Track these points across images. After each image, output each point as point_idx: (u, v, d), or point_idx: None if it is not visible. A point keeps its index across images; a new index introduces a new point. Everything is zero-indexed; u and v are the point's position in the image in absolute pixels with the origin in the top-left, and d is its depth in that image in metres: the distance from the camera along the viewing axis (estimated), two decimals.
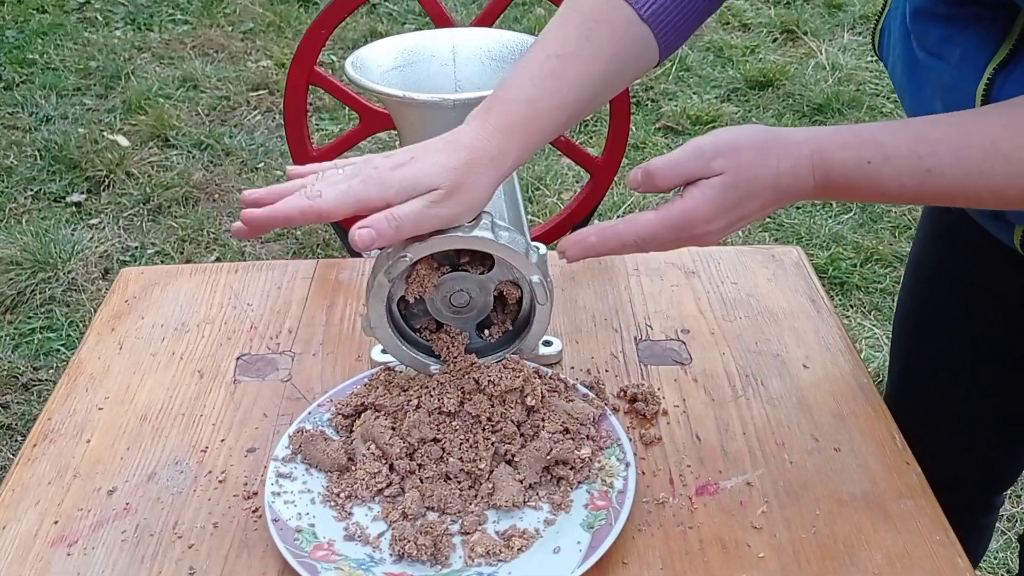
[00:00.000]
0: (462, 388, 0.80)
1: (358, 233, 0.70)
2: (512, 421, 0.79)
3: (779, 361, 0.96)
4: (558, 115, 0.76)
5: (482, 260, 0.81)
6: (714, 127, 3.08)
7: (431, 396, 0.80)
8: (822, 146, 0.69)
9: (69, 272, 2.49)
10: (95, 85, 3.39)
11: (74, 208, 2.78)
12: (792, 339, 0.99)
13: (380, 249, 0.75)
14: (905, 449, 0.86)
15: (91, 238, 2.63)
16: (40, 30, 3.73)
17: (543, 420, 0.81)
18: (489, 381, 0.79)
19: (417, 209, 0.71)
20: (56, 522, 0.79)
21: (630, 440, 0.83)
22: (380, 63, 0.95)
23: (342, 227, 1.18)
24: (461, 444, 0.78)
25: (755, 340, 0.99)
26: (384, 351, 0.95)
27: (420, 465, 0.79)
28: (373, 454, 0.79)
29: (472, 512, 0.76)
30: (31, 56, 3.54)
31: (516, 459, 0.78)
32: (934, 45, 0.80)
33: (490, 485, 0.77)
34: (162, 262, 2.57)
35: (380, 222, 0.70)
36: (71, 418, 0.90)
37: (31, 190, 2.84)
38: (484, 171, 0.73)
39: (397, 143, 0.91)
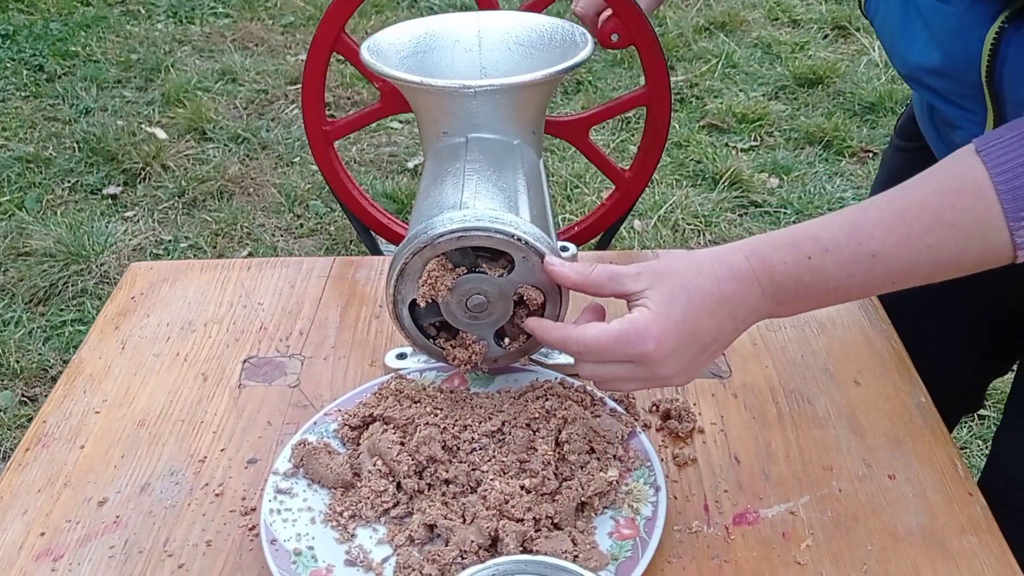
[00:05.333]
0: (482, 407, 0.74)
1: None
2: (536, 448, 0.72)
3: (827, 376, 0.88)
4: None
5: (501, 262, 0.74)
6: (760, 125, 2.99)
7: (440, 412, 0.74)
8: (755, 249, 0.66)
9: (102, 265, 2.47)
10: (135, 78, 3.38)
11: (110, 200, 2.76)
12: (842, 352, 0.90)
13: None
14: (968, 478, 0.78)
15: (125, 231, 2.62)
16: (83, 23, 3.74)
17: (568, 439, 0.74)
18: (516, 404, 0.72)
19: None
20: (43, 534, 0.74)
21: (661, 461, 0.76)
22: (400, 48, 0.88)
23: (363, 223, 1.12)
24: (471, 470, 0.72)
25: (801, 352, 0.90)
26: (399, 356, 0.88)
27: (430, 485, 0.72)
28: (379, 471, 0.73)
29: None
30: (74, 48, 3.55)
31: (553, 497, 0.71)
32: None
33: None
34: (195, 256, 2.54)
35: None
36: (66, 421, 0.85)
37: (68, 182, 2.84)
38: None
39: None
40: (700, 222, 2.58)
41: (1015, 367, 0.99)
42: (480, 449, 0.74)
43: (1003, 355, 1.05)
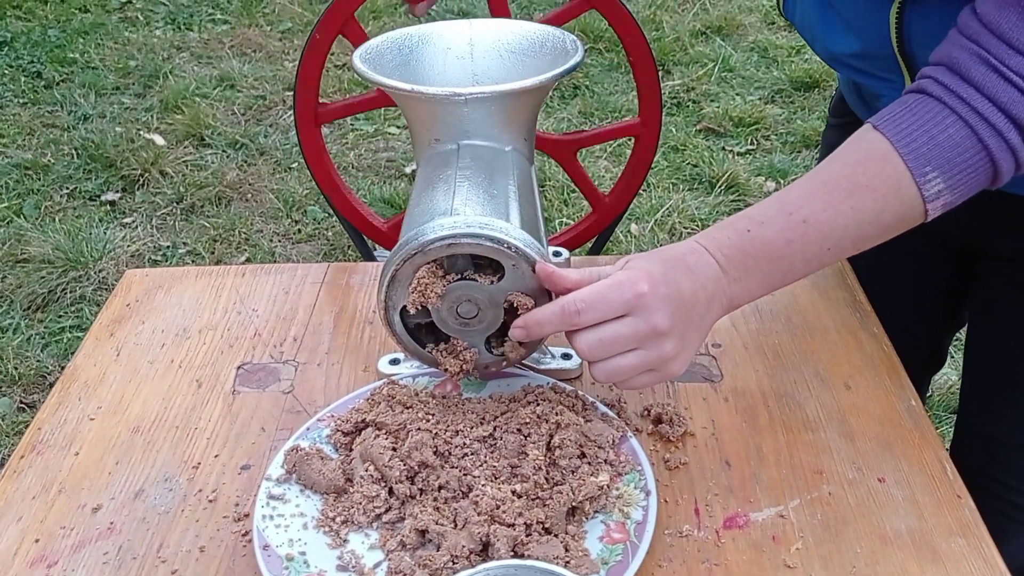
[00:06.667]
0: (474, 412, 0.74)
1: None
2: (527, 453, 0.73)
3: (819, 380, 0.88)
4: None
5: (492, 269, 0.75)
6: (757, 129, 3.00)
7: (432, 417, 0.74)
8: (703, 234, 0.73)
9: (100, 271, 2.47)
10: (134, 84, 3.39)
11: (108, 207, 2.77)
12: (833, 356, 0.91)
13: None
14: (956, 479, 0.78)
15: (123, 237, 2.62)
16: (82, 29, 3.75)
17: (560, 444, 0.74)
18: (507, 409, 0.73)
19: None
20: (37, 540, 0.75)
21: (652, 465, 0.76)
22: (392, 55, 0.89)
23: (356, 229, 1.13)
24: (462, 475, 0.72)
25: (792, 357, 0.91)
26: (392, 362, 0.89)
27: (421, 490, 0.73)
28: (371, 476, 0.73)
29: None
30: (72, 55, 3.56)
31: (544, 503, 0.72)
32: None
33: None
34: (193, 262, 2.54)
35: None
36: (61, 428, 0.85)
37: (67, 188, 2.84)
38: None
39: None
40: (697, 226, 2.58)
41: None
42: (472, 454, 0.74)
43: (957, 307, 1.12)
